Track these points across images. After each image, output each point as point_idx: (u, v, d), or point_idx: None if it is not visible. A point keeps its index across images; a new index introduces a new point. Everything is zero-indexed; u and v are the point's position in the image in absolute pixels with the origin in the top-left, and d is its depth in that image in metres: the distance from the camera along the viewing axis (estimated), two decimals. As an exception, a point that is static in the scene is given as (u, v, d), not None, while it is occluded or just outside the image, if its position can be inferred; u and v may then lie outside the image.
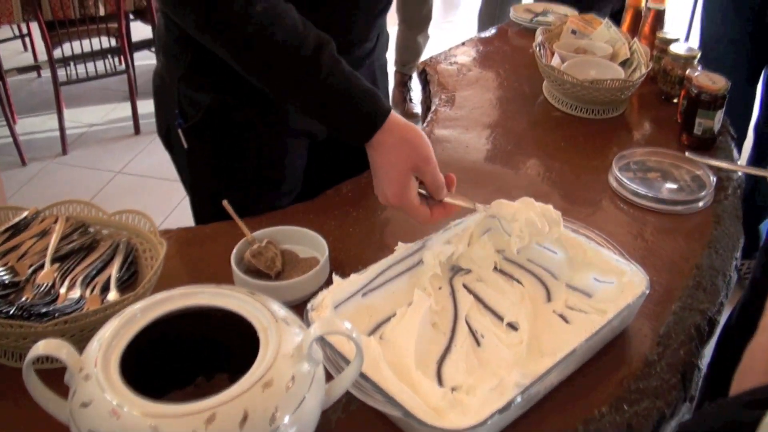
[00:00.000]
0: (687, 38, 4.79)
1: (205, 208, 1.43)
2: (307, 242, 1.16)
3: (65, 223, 1.14)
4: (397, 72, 3.93)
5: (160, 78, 1.37)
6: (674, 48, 1.66)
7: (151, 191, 3.44)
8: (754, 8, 2.32)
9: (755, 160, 2.62)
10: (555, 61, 1.69)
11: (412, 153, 1.09)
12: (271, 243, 1.14)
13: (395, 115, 1.12)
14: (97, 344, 0.73)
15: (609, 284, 1.07)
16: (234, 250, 1.11)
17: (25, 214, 1.14)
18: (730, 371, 0.80)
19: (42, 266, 1.05)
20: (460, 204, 1.13)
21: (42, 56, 4.22)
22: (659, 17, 1.79)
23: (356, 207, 1.34)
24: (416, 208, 1.10)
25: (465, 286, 1.10)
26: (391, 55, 3.60)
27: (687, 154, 1.46)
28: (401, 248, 1.09)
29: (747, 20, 2.37)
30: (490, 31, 2.16)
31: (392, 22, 1.80)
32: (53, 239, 1.09)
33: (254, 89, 1.27)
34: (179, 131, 1.34)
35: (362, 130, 1.09)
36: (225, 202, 1.19)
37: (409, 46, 3.81)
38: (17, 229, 1.12)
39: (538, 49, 1.72)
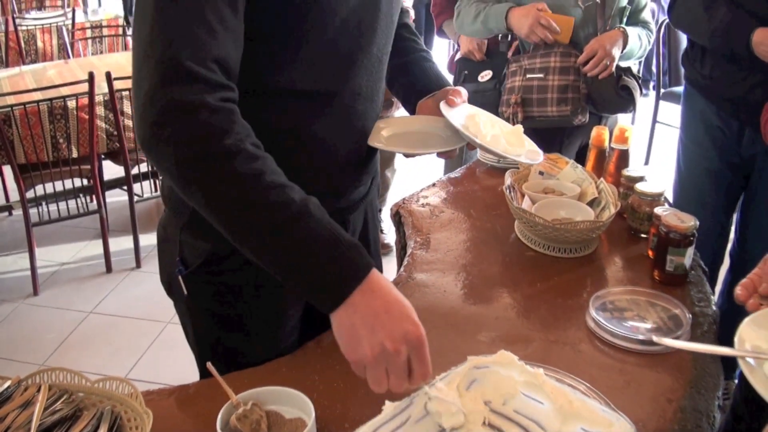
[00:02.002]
0: (647, 162, 4.96)
1: (205, 355, 1.43)
2: (293, 402, 1.16)
3: (48, 391, 1.12)
4: None
5: (163, 229, 1.44)
6: (640, 186, 1.72)
7: (124, 331, 3.41)
8: (731, 140, 2.40)
9: (731, 283, 2.67)
10: (525, 202, 1.74)
11: (400, 322, 1.06)
12: (256, 405, 1.13)
13: (384, 278, 1.10)
14: None
15: (597, 435, 1.07)
16: (219, 415, 1.10)
17: (7, 384, 1.13)
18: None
19: (26, 441, 1.03)
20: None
21: (13, 194, 4.24)
22: (623, 156, 1.86)
23: (339, 360, 1.32)
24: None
25: (454, 443, 1.10)
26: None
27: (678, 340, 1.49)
28: (389, 407, 1.09)
29: (725, 152, 2.44)
30: (459, 171, 2.22)
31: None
32: (37, 411, 1.07)
33: None
34: (180, 278, 1.39)
35: (342, 283, 1.06)
36: (209, 364, 1.19)
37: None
38: (0, 401, 1.10)
39: (508, 191, 1.77)
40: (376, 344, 1.04)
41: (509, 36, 2.90)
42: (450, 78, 2.38)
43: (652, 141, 5.14)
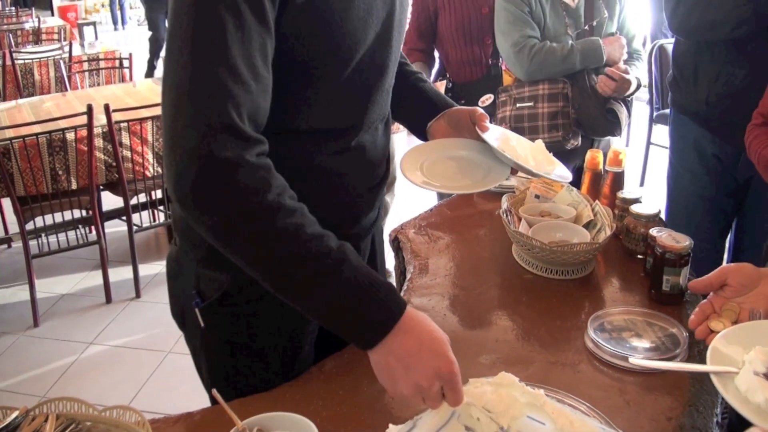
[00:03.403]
0: (642, 184, 4.99)
1: (220, 386, 1.42)
2: (297, 428, 1.17)
3: (56, 421, 1.14)
4: None
5: (175, 262, 1.44)
6: (636, 208, 1.75)
7: (124, 362, 3.41)
8: (727, 166, 2.41)
9: None
10: (522, 226, 1.77)
11: (432, 360, 1.10)
12: (261, 431, 1.15)
13: (418, 314, 1.15)
14: None
15: (598, 454, 1.09)
16: (226, 441, 1.12)
17: (15, 414, 1.14)
18: None
19: (34, 471, 1.05)
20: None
21: (12, 226, 4.27)
22: (618, 179, 1.89)
23: (342, 384, 1.35)
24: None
25: (457, 465, 1.11)
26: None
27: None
28: (393, 429, 1.10)
29: (719, 178, 2.44)
30: (456, 196, 2.25)
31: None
32: (44, 441, 1.09)
33: None
34: (196, 311, 1.38)
35: (379, 324, 1.11)
36: (214, 391, 1.20)
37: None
38: (8, 431, 1.11)
39: (505, 215, 1.79)
40: (411, 384, 1.09)
41: (499, 59, 2.95)
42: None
43: (647, 163, 5.19)
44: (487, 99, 3.06)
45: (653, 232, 1.62)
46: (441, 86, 3.22)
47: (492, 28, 2.90)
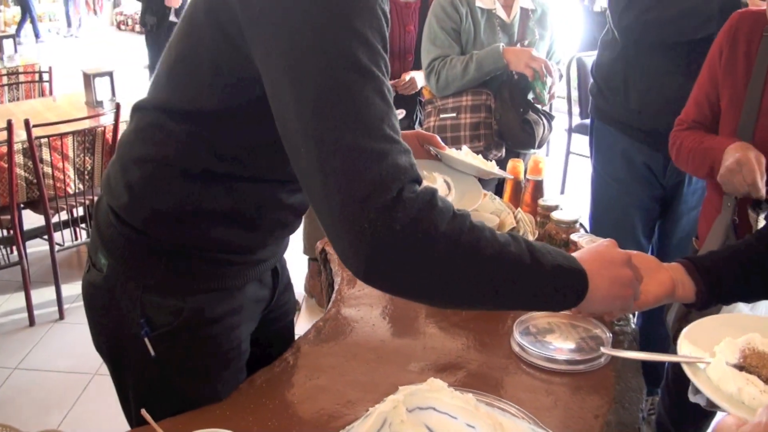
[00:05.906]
0: (562, 191, 5.11)
1: (152, 409, 1.26)
2: (229, 443, 1.16)
3: (-24, 449, 1.11)
4: (309, 260, 3.92)
5: (106, 291, 1.35)
6: (556, 214, 1.79)
7: (51, 386, 3.31)
8: (657, 174, 2.45)
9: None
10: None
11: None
12: (191, 448, 1.14)
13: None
14: None
15: (527, 455, 1.11)
16: (155, 460, 1.10)
17: (-67, 443, 1.11)
18: None
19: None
20: None
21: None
22: (538, 187, 1.93)
23: (272, 398, 1.35)
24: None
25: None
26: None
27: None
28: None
29: (648, 185, 2.49)
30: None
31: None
32: (-35, 469, 1.06)
33: (221, 287, 1.35)
34: (146, 340, 1.31)
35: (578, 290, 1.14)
36: (143, 411, 1.18)
37: (317, 236, 3.85)
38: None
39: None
40: (627, 290, 1.21)
41: None
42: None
43: (567, 171, 5.32)
44: (400, 113, 3.10)
45: (575, 237, 1.66)
46: None
47: (414, 46, 2.93)
